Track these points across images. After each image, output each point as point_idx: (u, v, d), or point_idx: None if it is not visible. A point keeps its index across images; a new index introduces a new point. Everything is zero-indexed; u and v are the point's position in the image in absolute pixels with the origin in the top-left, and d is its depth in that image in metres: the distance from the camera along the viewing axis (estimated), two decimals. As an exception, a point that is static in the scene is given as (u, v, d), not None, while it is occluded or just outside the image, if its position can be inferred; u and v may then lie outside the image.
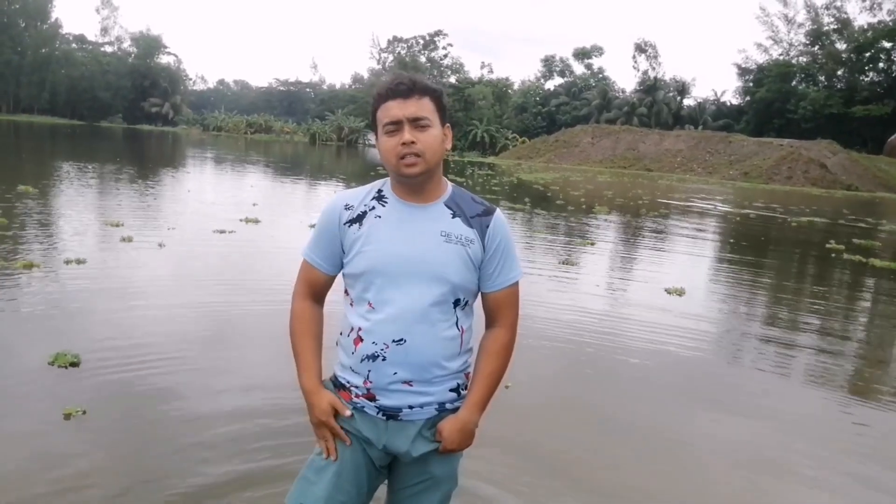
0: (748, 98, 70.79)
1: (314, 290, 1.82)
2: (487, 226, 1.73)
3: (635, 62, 74.59)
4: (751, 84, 70.12)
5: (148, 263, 7.26)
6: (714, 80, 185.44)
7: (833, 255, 11.88)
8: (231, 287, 6.34)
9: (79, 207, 11.19)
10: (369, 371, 1.70)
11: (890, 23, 60.59)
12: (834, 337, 6.41)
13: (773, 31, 70.96)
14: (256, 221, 10.57)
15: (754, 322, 6.88)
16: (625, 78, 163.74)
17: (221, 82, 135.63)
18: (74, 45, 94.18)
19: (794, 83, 66.69)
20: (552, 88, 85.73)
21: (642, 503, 3.06)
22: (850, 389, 4.92)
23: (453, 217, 1.72)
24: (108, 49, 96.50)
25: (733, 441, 3.79)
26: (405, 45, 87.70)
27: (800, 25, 68.46)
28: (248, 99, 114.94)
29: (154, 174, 19.88)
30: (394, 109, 1.64)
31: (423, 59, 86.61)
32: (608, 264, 9.93)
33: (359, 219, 1.72)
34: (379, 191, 1.76)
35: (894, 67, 62.39)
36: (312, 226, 1.84)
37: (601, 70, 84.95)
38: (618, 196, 23.90)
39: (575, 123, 67.52)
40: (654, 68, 74.05)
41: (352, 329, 1.72)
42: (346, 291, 1.78)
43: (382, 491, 1.92)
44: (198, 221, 10.46)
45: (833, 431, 4.08)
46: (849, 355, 5.88)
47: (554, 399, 4.29)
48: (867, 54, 62.22)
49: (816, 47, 66.86)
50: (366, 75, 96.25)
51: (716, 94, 78.86)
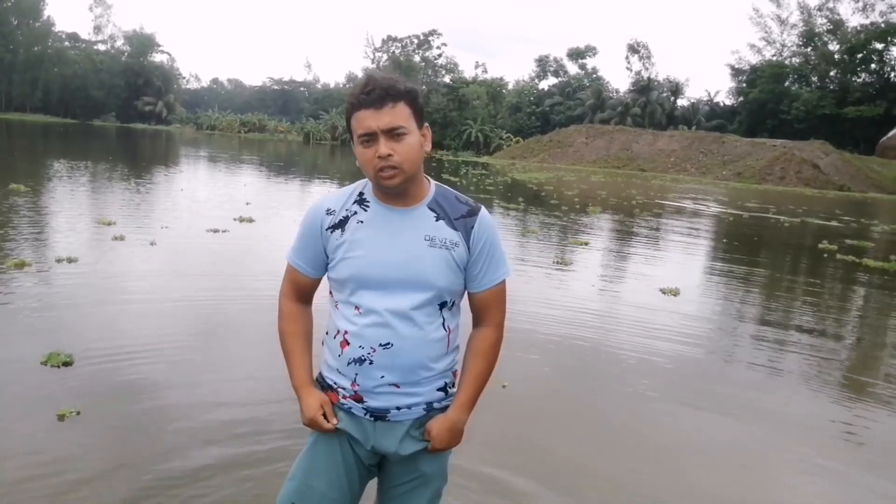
0: (741, 98, 71.02)
1: (300, 292, 1.82)
2: (472, 227, 1.70)
3: (628, 63, 74.92)
4: (744, 85, 70.35)
5: (140, 262, 7.23)
6: (707, 81, 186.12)
7: (826, 256, 11.93)
8: (224, 285, 6.31)
9: (71, 206, 11.13)
10: (356, 374, 1.69)
11: (882, 24, 60.92)
12: (828, 337, 6.43)
13: (766, 32, 71.29)
14: (250, 220, 10.54)
15: (750, 322, 6.90)
16: (619, 78, 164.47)
17: (215, 81, 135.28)
18: (67, 44, 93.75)
19: (787, 84, 66.97)
20: (546, 88, 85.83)
21: (636, 501, 3.06)
22: (846, 389, 4.94)
23: (437, 220, 1.69)
24: (102, 47, 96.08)
25: (735, 442, 3.80)
26: (399, 45, 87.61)
27: (793, 26, 68.78)
28: (242, 98, 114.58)
29: (147, 173, 19.79)
30: (367, 120, 1.58)
31: (418, 59, 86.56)
32: (602, 264, 9.94)
33: (341, 224, 1.69)
34: (360, 194, 1.73)
35: (886, 69, 62.77)
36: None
37: (595, 70, 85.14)
38: (611, 196, 23.94)
39: (569, 123, 67.61)
40: (647, 69, 74.27)
41: (338, 331, 1.71)
42: (331, 292, 1.77)
43: (372, 489, 1.91)
44: (191, 220, 10.42)
45: (830, 432, 4.09)
46: (845, 355, 5.90)
47: (548, 398, 4.29)
48: (859, 55, 62.51)
49: (809, 48, 67.15)
50: (360, 74, 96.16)
51: (709, 95, 79.11)
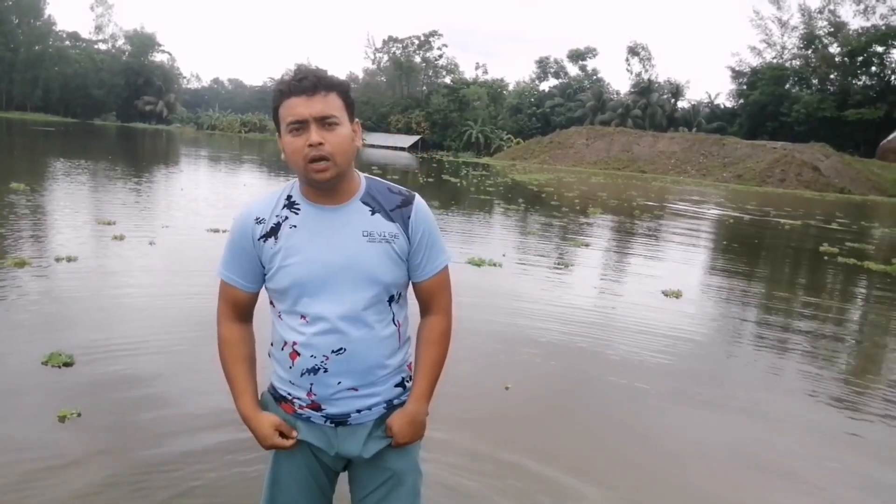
0: (742, 101, 71.12)
1: (238, 310, 1.71)
2: (409, 217, 1.65)
3: (629, 64, 75.07)
4: (744, 87, 70.46)
5: (140, 261, 7.20)
6: (708, 83, 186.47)
7: (827, 259, 11.91)
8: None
9: (70, 205, 11.12)
10: (311, 384, 1.63)
11: (883, 27, 60.99)
12: (832, 340, 6.41)
13: (767, 35, 71.45)
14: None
15: (753, 325, 6.88)
16: (619, 80, 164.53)
17: (216, 81, 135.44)
18: (68, 43, 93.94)
19: (788, 86, 67.05)
20: (547, 90, 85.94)
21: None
22: (852, 392, 4.92)
23: (373, 214, 1.63)
24: (102, 47, 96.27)
25: (740, 446, 3.78)
26: (400, 45, 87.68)
27: (793, 29, 68.92)
28: (243, 98, 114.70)
29: (147, 172, 19.78)
30: (299, 107, 1.50)
31: (418, 60, 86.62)
32: (604, 266, 9.92)
33: (273, 232, 1.61)
34: (288, 197, 1.65)
35: (887, 71, 62.83)
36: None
37: (595, 71, 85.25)
38: (612, 197, 23.94)
39: (569, 125, 67.73)
40: (648, 70, 74.41)
41: (285, 343, 1.64)
42: (272, 303, 1.70)
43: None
44: (191, 220, 10.41)
45: (835, 437, 4.07)
46: (850, 358, 5.88)
47: (550, 400, 4.26)
48: (860, 58, 62.59)
49: (810, 51, 67.22)
50: (361, 75, 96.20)
51: (710, 97, 79.24)
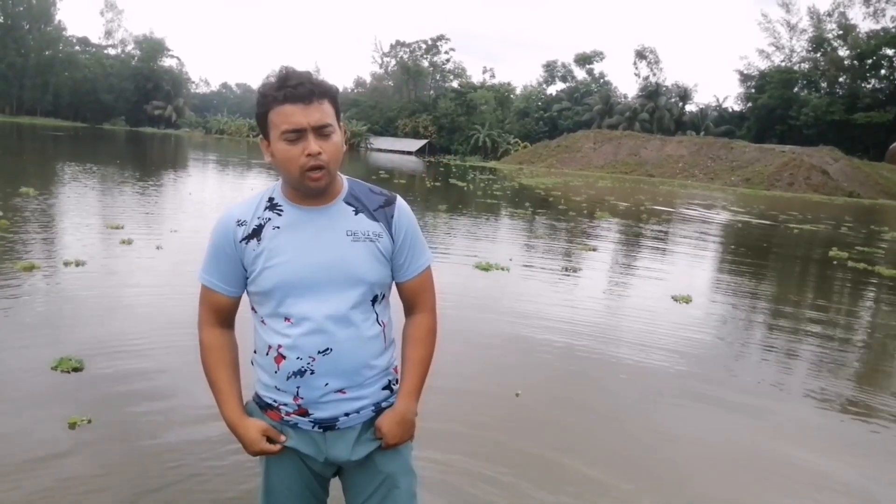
0: (750, 104, 70.87)
1: (220, 316, 1.70)
2: (392, 216, 1.66)
3: (636, 68, 74.92)
4: (753, 90, 70.22)
5: (148, 266, 7.24)
6: (716, 87, 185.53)
7: (838, 263, 11.83)
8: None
9: (79, 210, 11.18)
10: (298, 387, 1.61)
11: (893, 30, 60.65)
12: (845, 346, 6.35)
13: (776, 38, 71.18)
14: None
15: (765, 331, 6.83)
16: (627, 83, 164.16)
17: (224, 85, 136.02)
18: (78, 48, 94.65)
19: (796, 90, 66.78)
20: (554, 94, 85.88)
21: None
22: (863, 399, 4.88)
23: (356, 214, 1.63)
24: (112, 52, 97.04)
25: (752, 455, 3.75)
26: (408, 50, 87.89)
27: (802, 32, 68.65)
28: (251, 102, 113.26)
29: (155, 177, 19.88)
30: (296, 116, 1.49)
31: (426, 64, 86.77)
32: (612, 270, 9.89)
33: (255, 234, 1.60)
34: (270, 199, 1.64)
35: (896, 74, 62.45)
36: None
37: (602, 75, 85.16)
38: (620, 201, 23.88)
39: (577, 128, 67.64)
40: (655, 74, 74.29)
41: (270, 347, 1.62)
42: (254, 309, 1.68)
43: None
44: (199, 224, 10.44)
45: (840, 441, 4.04)
46: (863, 364, 5.84)
47: (561, 407, 4.22)
48: (869, 61, 62.29)
49: (819, 54, 66.94)
50: (368, 79, 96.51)
51: (717, 101, 79.11)
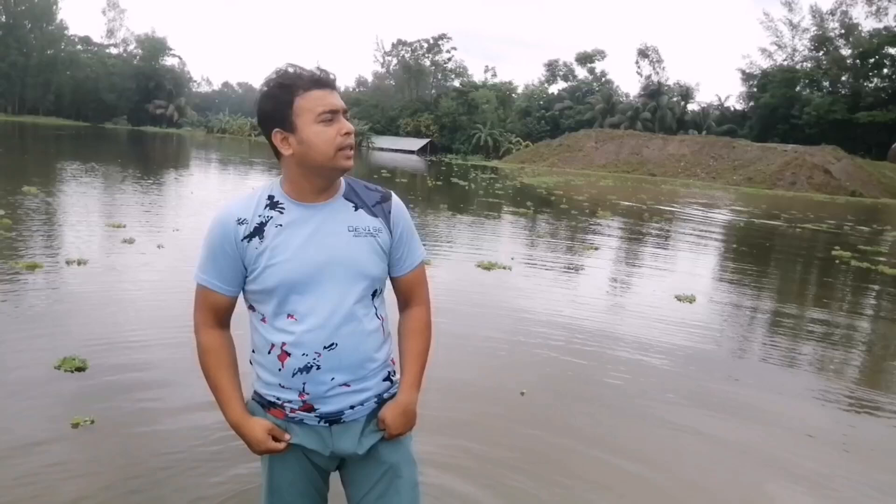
0: (752, 103, 70.74)
1: (218, 317, 1.69)
2: (389, 211, 1.70)
3: (638, 67, 74.79)
4: (755, 89, 70.08)
5: (149, 265, 7.24)
6: (718, 86, 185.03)
7: (840, 263, 11.80)
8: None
9: (81, 209, 11.20)
10: (304, 383, 1.62)
11: (895, 28, 60.48)
12: (844, 344, 6.34)
13: (778, 37, 71.02)
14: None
15: (770, 329, 6.82)
16: (628, 82, 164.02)
17: (226, 84, 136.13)
18: (80, 47, 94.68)
19: (799, 89, 66.61)
20: (556, 93, 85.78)
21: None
22: (865, 399, 4.87)
23: (356, 210, 1.67)
24: (114, 51, 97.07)
25: (758, 462, 3.74)
26: (409, 49, 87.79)
27: (804, 31, 68.49)
28: (252, 101, 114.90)
29: (158, 176, 19.89)
30: (329, 98, 1.56)
31: (427, 63, 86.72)
32: (615, 270, 9.87)
33: (257, 232, 1.60)
34: (270, 197, 1.64)
35: (899, 73, 62.30)
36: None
37: (604, 74, 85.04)
38: (622, 200, 23.86)
39: (579, 128, 67.53)
40: (658, 73, 74.18)
41: (272, 346, 1.62)
42: (252, 308, 1.68)
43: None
44: (201, 223, 10.44)
45: (840, 441, 4.03)
46: (865, 364, 5.82)
47: (565, 406, 4.21)
48: (872, 60, 62.13)
49: (821, 53, 66.79)
50: (370, 78, 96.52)
51: (720, 100, 78.94)
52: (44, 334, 4.65)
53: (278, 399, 1.66)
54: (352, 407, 1.66)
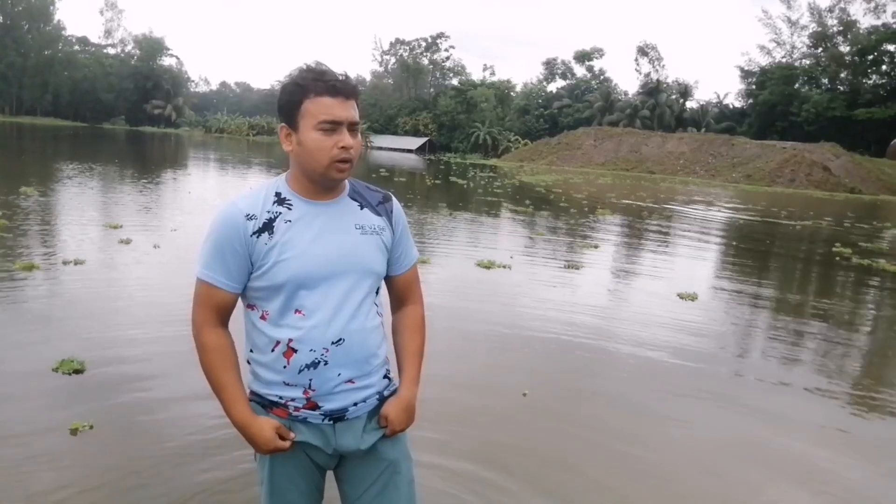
0: (751, 101, 70.79)
1: (221, 315, 1.66)
2: (391, 211, 1.75)
3: (637, 64, 74.93)
4: (753, 87, 70.12)
5: (147, 265, 7.21)
6: (717, 83, 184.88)
7: (841, 259, 11.81)
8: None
9: (78, 209, 11.16)
10: (311, 380, 1.62)
11: (894, 25, 60.53)
12: (848, 340, 6.33)
13: (776, 34, 71.16)
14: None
15: (772, 327, 6.81)
16: (627, 80, 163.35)
17: (224, 84, 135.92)
18: (77, 48, 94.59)
19: (797, 86, 66.65)
20: (554, 91, 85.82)
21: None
22: (866, 396, 4.85)
23: (361, 209, 1.71)
24: (111, 51, 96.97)
25: (761, 451, 3.72)
26: (407, 48, 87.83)
27: (803, 28, 68.52)
28: (251, 101, 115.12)
29: (155, 176, 19.84)
30: (336, 108, 1.57)
31: (426, 62, 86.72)
32: (616, 268, 9.86)
33: (266, 227, 1.59)
34: (277, 193, 1.64)
35: (898, 70, 62.35)
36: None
37: (602, 72, 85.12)
38: (621, 198, 23.85)
39: (577, 126, 67.57)
40: (658, 71, 74.18)
41: (277, 343, 1.61)
42: (252, 306, 1.66)
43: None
44: (199, 223, 10.41)
45: (838, 438, 4.01)
46: (867, 361, 5.81)
47: (568, 407, 4.19)
48: (870, 57, 62.15)
49: (819, 50, 66.81)
50: (368, 77, 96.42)
51: (718, 97, 79.16)
52: (41, 335, 4.62)
53: (281, 398, 1.65)
54: (355, 404, 1.68)
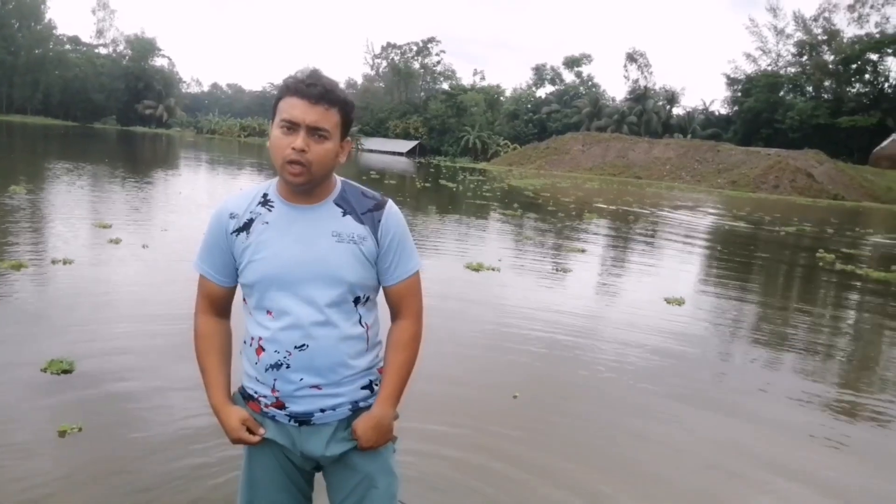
0: (736, 108, 71.36)
1: (215, 304, 1.75)
2: (379, 220, 1.68)
3: (626, 71, 75.26)
4: (739, 94, 70.68)
5: (136, 265, 7.23)
6: (703, 90, 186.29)
7: (825, 266, 11.94)
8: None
9: (68, 208, 11.15)
10: (275, 380, 1.65)
11: (877, 35, 61.28)
12: (831, 346, 6.42)
13: (762, 42, 72.11)
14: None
15: (758, 331, 6.88)
16: (614, 86, 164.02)
17: (215, 86, 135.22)
18: (68, 47, 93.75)
19: (782, 93, 67.28)
20: (543, 96, 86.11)
21: None
22: (850, 400, 4.99)
23: (344, 215, 1.66)
24: (103, 51, 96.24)
25: (747, 453, 3.84)
26: (399, 52, 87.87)
27: (788, 36, 69.23)
28: (242, 102, 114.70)
29: (146, 176, 19.77)
30: (296, 109, 1.55)
31: (417, 66, 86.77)
32: (603, 272, 9.95)
33: (245, 227, 1.65)
34: (265, 195, 1.69)
35: (881, 79, 63.13)
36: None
37: (590, 77, 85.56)
38: (608, 203, 23.99)
39: (565, 131, 67.83)
40: (647, 77, 74.64)
41: (252, 339, 1.68)
42: (245, 300, 1.73)
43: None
44: (189, 223, 10.46)
45: (824, 442, 4.14)
46: (851, 366, 5.90)
47: (558, 410, 4.23)
48: (854, 66, 62.86)
49: (804, 58, 67.49)
50: (360, 81, 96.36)
51: (704, 104, 79.73)
52: (29, 335, 4.60)
53: (256, 392, 1.71)
54: (322, 410, 1.67)
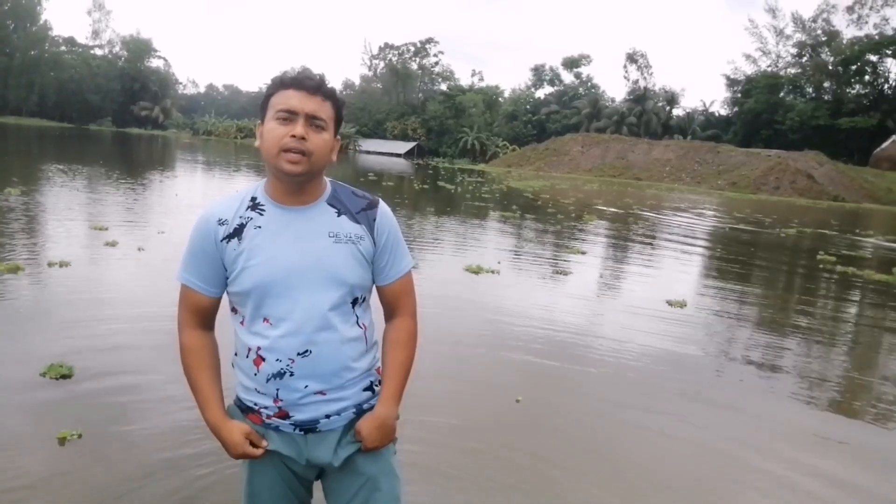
0: (736, 109, 71.52)
1: (200, 317, 1.68)
2: (374, 219, 1.66)
3: (626, 72, 75.35)
4: (739, 95, 70.86)
5: (132, 267, 7.16)
6: (703, 91, 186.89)
7: (825, 268, 11.93)
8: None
9: (64, 211, 11.06)
10: (278, 389, 1.60)
11: (876, 36, 61.48)
12: (831, 347, 6.40)
13: (762, 43, 72.09)
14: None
15: (761, 334, 6.84)
16: (614, 87, 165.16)
17: (211, 87, 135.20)
18: (64, 48, 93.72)
19: (782, 94, 67.45)
20: (542, 97, 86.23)
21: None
22: (853, 401, 4.91)
23: (339, 215, 1.63)
24: (99, 52, 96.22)
25: (745, 457, 3.75)
26: (396, 52, 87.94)
27: (788, 37, 69.39)
28: (239, 104, 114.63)
29: (142, 178, 19.71)
30: (293, 99, 1.53)
31: (415, 66, 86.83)
32: (604, 274, 9.91)
33: (237, 233, 1.59)
34: (253, 198, 1.63)
35: (880, 80, 63.30)
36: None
37: (590, 78, 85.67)
38: (607, 205, 23.98)
39: (565, 132, 67.95)
40: (647, 78, 74.74)
41: (249, 349, 1.61)
42: (234, 310, 1.67)
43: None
44: (186, 226, 10.32)
45: (819, 441, 4.06)
46: (851, 367, 5.88)
47: (559, 414, 4.19)
48: (854, 67, 63.03)
49: (804, 59, 67.66)
50: (357, 81, 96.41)
51: (704, 105, 79.75)
52: (27, 339, 4.57)
53: (255, 404, 1.65)
54: (328, 416, 1.64)
